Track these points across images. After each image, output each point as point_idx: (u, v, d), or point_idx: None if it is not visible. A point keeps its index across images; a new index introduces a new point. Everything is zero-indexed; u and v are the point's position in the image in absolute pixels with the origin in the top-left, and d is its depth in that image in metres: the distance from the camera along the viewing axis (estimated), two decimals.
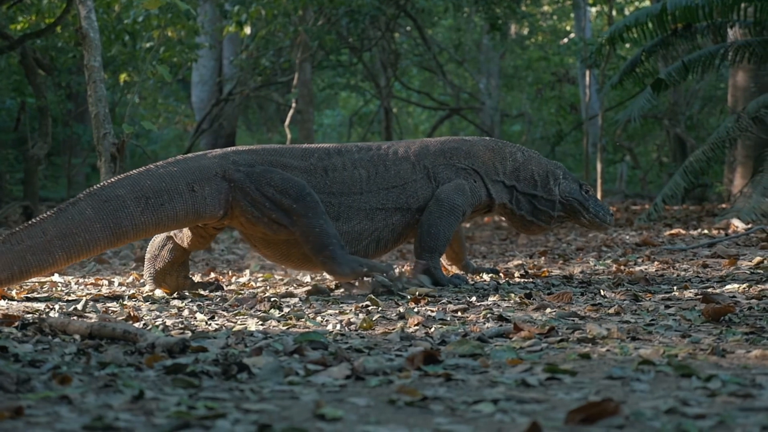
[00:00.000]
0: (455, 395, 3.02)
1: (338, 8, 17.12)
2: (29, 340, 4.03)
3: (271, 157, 6.09)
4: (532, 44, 27.85)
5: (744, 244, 8.56)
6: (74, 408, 2.80)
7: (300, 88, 17.53)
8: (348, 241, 6.16)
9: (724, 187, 15.30)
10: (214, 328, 4.57)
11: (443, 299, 5.52)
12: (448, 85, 23.20)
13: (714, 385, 3.06)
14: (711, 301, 5.00)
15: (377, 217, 6.29)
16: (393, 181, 6.36)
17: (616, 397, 2.94)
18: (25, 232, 5.45)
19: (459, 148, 6.64)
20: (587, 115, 19.16)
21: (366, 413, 2.80)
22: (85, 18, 9.17)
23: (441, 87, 26.50)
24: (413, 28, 20.94)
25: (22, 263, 5.41)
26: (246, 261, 8.74)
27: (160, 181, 5.74)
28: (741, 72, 13.98)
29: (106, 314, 5.01)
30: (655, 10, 12.08)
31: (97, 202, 5.57)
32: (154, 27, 14.62)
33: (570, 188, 6.80)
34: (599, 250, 8.89)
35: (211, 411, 2.77)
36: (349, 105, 30.17)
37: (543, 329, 4.25)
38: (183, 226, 5.94)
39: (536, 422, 2.51)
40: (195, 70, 20.10)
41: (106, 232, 5.56)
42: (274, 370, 3.31)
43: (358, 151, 6.41)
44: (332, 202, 6.13)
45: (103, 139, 8.90)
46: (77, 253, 5.54)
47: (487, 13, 18.37)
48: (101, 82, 9.10)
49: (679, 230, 10.38)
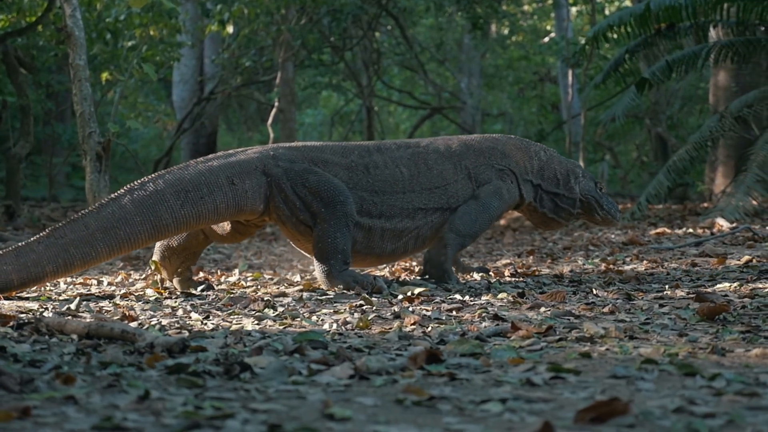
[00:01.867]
0: (461, 395, 3.01)
1: (320, 7, 17.10)
2: (26, 340, 4.01)
3: (312, 154, 6.17)
4: (513, 44, 27.85)
5: (731, 243, 8.59)
6: (81, 408, 2.79)
7: (282, 87, 17.51)
8: (388, 238, 6.29)
9: (705, 186, 15.35)
10: (210, 327, 4.55)
11: (437, 298, 5.51)
12: (429, 84, 23.19)
13: (719, 384, 3.07)
14: (705, 300, 5.02)
15: (418, 216, 6.37)
16: (435, 182, 6.44)
17: (623, 396, 2.94)
18: (68, 226, 5.52)
19: (495, 147, 6.72)
20: (569, 114, 19.20)
21: (374, 413, 2.80)
22: (70, 16, 9.11)
23: (422, 86, 26.48)
24: (395, 27, 20.93)
25: (66, 256, 5.47)
26: (233, 260, 8.72)
27: (199, 175, 5.82)
28: (722, 72, 14.03)
29: (100, 314, 4.98)
30: (638, 9, 12.10)
31: (137, 196, 5.66)
32: (136, 25, 14.56)
33: (588, 186, 6.91)
34: (586, 249, 8.91)
35: (219, 411, 2.75)
36: (330, 104, 30.12)
37: (541, 328, 4.26)
38: (225, 219, 6.02)
39: (548, 422, 2.51)
40: (176, 69, 20.00)
41: (147, 226, 5.63)
42: (278, 369, 3.30)
43: (397, 148, 6.48)
44: (374, 200, 6.22)
45: (89, 138, 8.83)
46: (119, 246, 5.61)
47: (469, 12, 18.38)
48: (86, 81, 9.04)
49: (665, 229, 10.41)
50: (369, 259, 6.41)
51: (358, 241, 6.19)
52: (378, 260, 6.49)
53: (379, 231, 6.24)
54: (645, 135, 23.30)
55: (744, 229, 8.94)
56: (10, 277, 5.42)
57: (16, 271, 5.42)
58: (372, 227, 6.21)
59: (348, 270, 6.00)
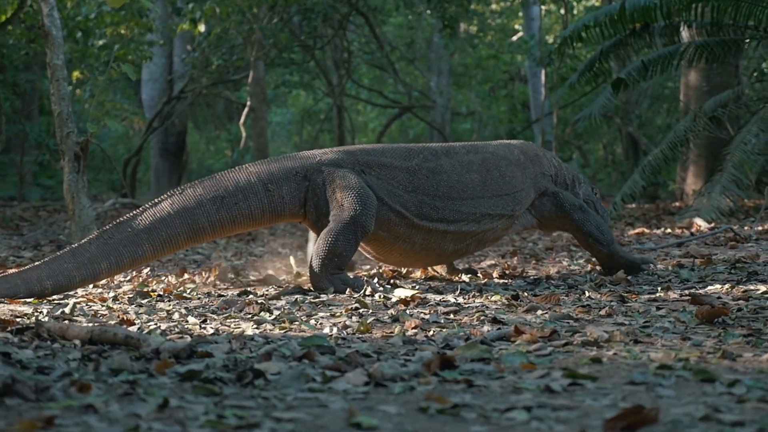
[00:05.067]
0: (483, 402, 2.99)
1: (291, 6, 17.05)
2: (28, 346, 3.95)
3: (367, 158, 6.24)
4: (481, 43, 27.87)
5: (713, 243, 8.62)
6: (102, 417, 2.75)
7: (253, 86, 17.44)
8: (450, 239, 6.38)
9: (677, 185, 15.41)
10: (210, 332, 4.50)
11: (431, 302, 5.49)
12: (399, 83, 23.16)
13: (739, 391, 3.06)
14: (700, 302, 5.02)
15: (484, 221, 6.45)
16: (507, 189, 6.51)
17: (645, 403, 2.93)
18: (115, 227, 5.78)
19: (538, 155, 6.84)
20: (542, 113, 19.24)
21: (400, 422, 2.77)
22: (48, 15, 9.01)
23: (392, 85, 26.45)
24: (364, 26, 20.89)
25: (116, 255, 5.74)
26: (213, 261, 8.65)
27: (236, 182, 6.00)
28: (693, 72, 14.11)
29: (96, 318, 4.94)
30: (614, 9, 12.15)
31: (177, 200, 5.91)
32: (107, 24, 14.47)
33: (587, 191, 7.04)
34: (568, 249, 8.92)
35: (243, 420, 2.72)
36: (298, 103, 30.02)
37: (544, 332, 4.24)
38: (262, 224, 6.21)
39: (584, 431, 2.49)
40: (145, 67, 19.86)
41: (185, 228, 5.90)
42: (295, 377, 3.27)
43: (467, 152, 6.52)
44: (437, 205, 6.29)
45: (67, 138, 8.74)
46: (162, 247, 5.88)
47: (439, 11, 18.37)
48: (64, 80, 8.95)
49: (643, 229, 10.44)
50: (429, 257, 6.50)
51: (416, 242, 6.29)
52: (438, 259, 6.59)
53: (441, 233, 6.32)
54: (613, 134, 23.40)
55: (725, 229, 8.98)
56: (73, 274, 5.64)
57: (77, 268, 5.65)
58: (432, 229, 6.29)
59: (339, 274, 6.00)
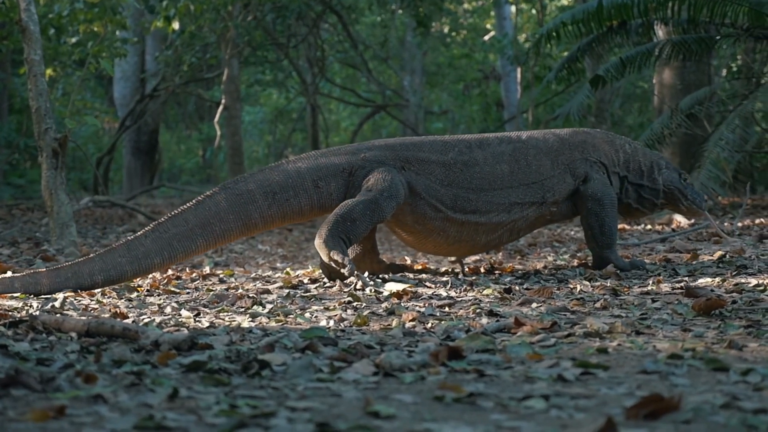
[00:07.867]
0: (497, 391, 2.95)
1: (265, 4, 16.98)
2: (24, 339, 3.90)
3: (407, 153, 6.31)
4: (453, 42, 27.87)
5: (696, 239, 8.64)
6: (113, 407, 2.70)
7: (227, 84, 17.36)
8: (483, 231, 6.45)
9: None
10: (206, 324, 4.46)
11: (423, 295, 5.46)
12: (372, 82, 23.12)
13: (754, 379, 3.03)
14: (696, 295, 5.01)
15: (514, 210, 6.49)
16: (534, 177, 6.53)
17: (660, 391, 2.90)
18: (170, 221, 5.90)
19: (587, 141, 6.81)
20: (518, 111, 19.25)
21: (417, 410, 2.73)
22: (25, 11, 8.93)
23: (365, 84, 26.41)
24: (338, 24, 20.83)
25: (170, 249, 5.86)
26: (196, 258, 8.59)
27: (287, 178, 6.10)
28: (667, 69, 14.15)
29: (86, 311, 4.88)
30: (591, 7, 12.15)
31: (230, 195, 6.02)
32: (80, 21, 14.35)
33: (671, 177, 6.97)
34: (551, 245, 8.90)
35: (257, 409, 2.68)
36: (270, 102, 29.91)
37: (545, 324, 4.22)
38: (308, 218, 6.36)
39: (611, 418, 2.45)
40: (117, 65, 19.74)
41: (238, 223, 6.04)
42: (304, 367, 3.23)
43: (499, 143, 6.56)
44: (470, 197, 6.36)
45: (45, 134, 8.66)
46: (214, 241, 6.02)
47: (413, 9, 18.36)
48: (42, 76, 8.87)
49: (624, 225, 10.44)
50: (463, 248, 6.57)
51: (450, 234, 6.37)
52: (471, 250, 6.66)
53: (473, 225, 6.38)
54: None
55: (706, 226, 8.99)
56: (125, 268, 5.77)
57: (129, 263, 5.76)
58: (465, 221, 6.36)
59: (344, 242, 6.03)
